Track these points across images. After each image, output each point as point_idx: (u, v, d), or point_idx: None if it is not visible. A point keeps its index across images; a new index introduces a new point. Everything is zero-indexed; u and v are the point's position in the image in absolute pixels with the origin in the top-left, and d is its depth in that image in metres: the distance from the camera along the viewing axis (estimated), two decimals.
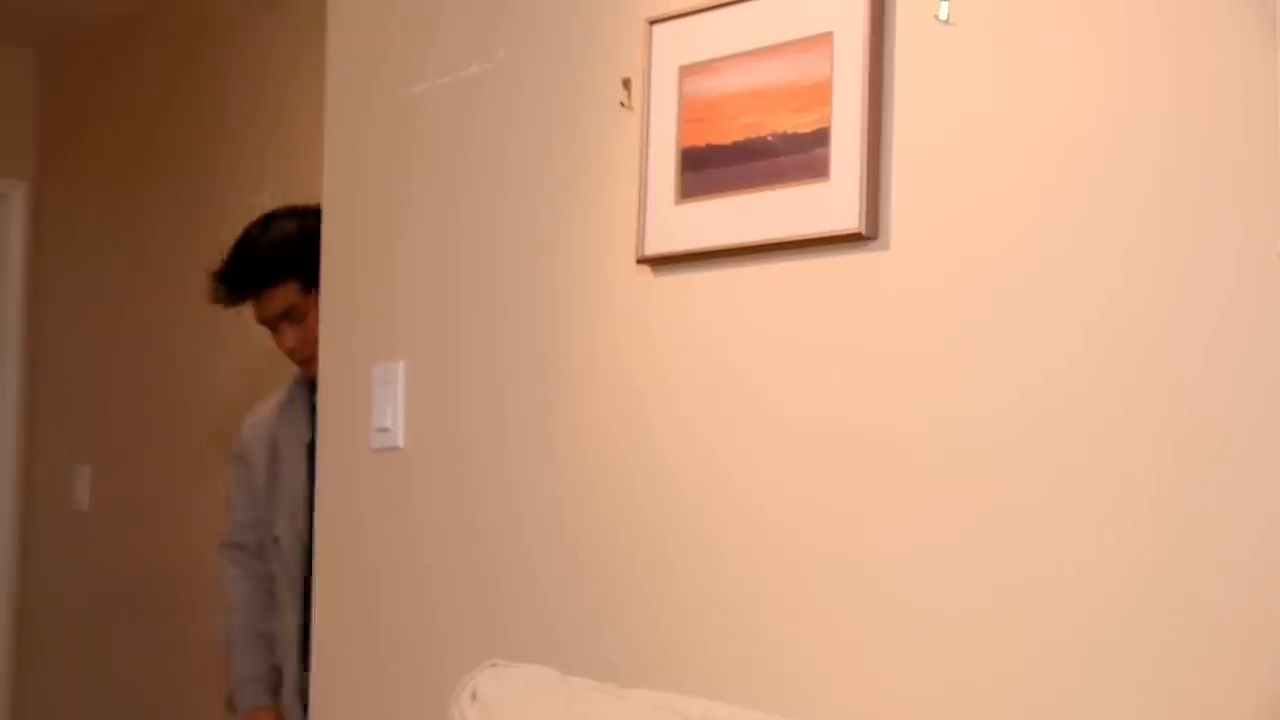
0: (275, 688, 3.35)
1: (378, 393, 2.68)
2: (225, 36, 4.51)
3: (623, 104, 2.28)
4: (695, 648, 2.14)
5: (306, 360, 3.09)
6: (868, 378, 1.97)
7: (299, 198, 3.66)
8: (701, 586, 2.14)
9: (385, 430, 2.66)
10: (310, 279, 2.99)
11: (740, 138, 2.11)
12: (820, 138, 2.01)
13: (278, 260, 3.21)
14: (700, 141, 2.16)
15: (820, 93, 2.02)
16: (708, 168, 2.15)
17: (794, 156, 2.04)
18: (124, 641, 4.73)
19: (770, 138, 2.07)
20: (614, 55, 2.31)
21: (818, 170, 2.01)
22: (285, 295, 3.20)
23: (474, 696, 2.14)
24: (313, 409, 3.05)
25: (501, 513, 2.45)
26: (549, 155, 2.41)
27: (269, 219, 3.33)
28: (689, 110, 2.18)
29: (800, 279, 2.05)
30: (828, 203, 2.00)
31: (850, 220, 1.97)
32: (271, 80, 4.28)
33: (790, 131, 2.05)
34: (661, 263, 2.22)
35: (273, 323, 3.25)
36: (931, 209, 1.92)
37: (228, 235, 3.32)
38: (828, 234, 2.01)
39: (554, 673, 2.14)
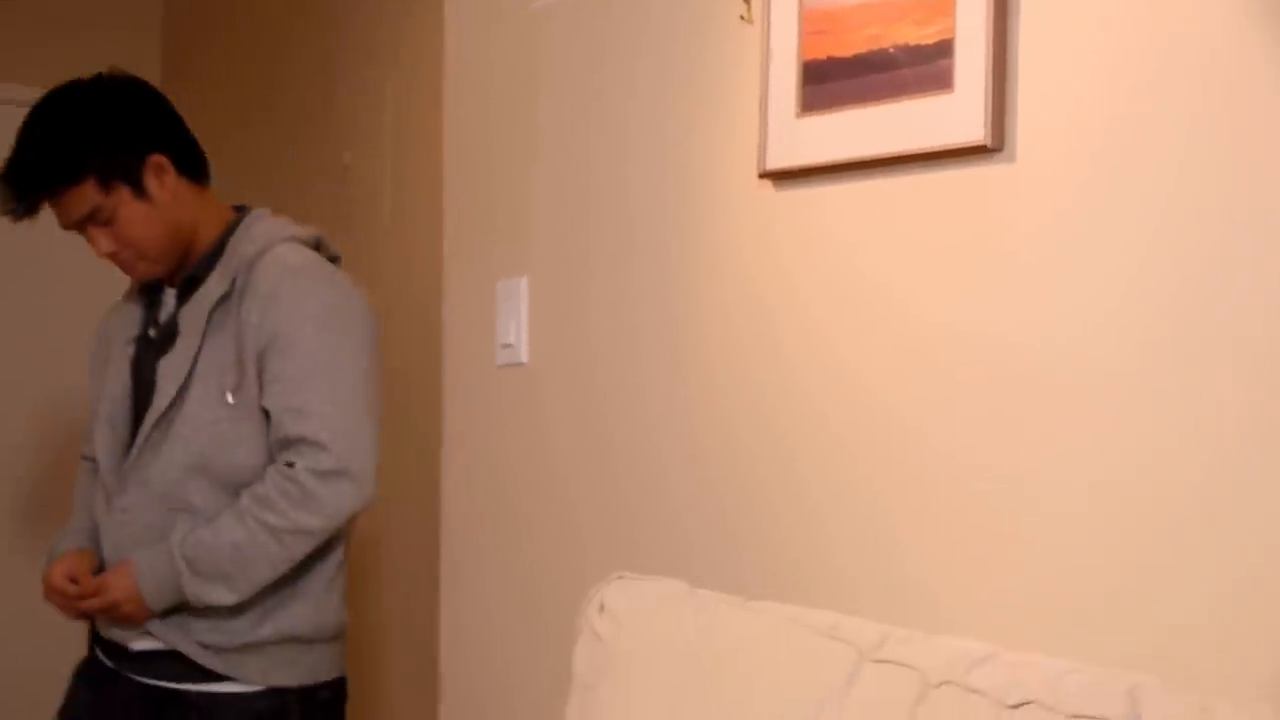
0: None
1: (502, 308, 2.71)
2: None
3: (742, 17, 2.27)
4: (825, 560, 2.15)
5: (130, 263, 2.67)
6: (995, 289, 1.96)
7: (418, 121, 3.69)
8: (832, 498, 2.15)
9: (509, 346, 2.69)
10: (107, 173, 2.59)
11: (862, 50, 2.09)
12: (943, 49, 1.99)
13: (70, 156, 2.58)
14: (821, 54, 2.15)
15: (943, 3, 2.00)
16: (829, 80, 2.13)
17: (917, 69, 2.02)
18: None
19: (892, 49, 2.05)
20: None
21: (941, 82, 1.99)
22: (84, 196, 2.59)
23: (602, 608, 2.17)
24: (149, 302, 2.76)
25: (630, 427, 2.47)
26: (671, 69, 2.41)
27: (52, 101, 2.65)
28: (809, 23, 2.16)
29: (925, 191, 2.04)
30: (952, 115, 1.98)
31: (975, 132, 1.95)
32: (390, 3, 4.30)
33: (913, 44, 2.03)
34: (783, 177, 2.22)
35: (80, 228, 2.65)
36: (1058, 121, 1.90)
37: (350, 158, 3.32)
38: (952, 146, 1.99)
39: (682, 585, 2.16)
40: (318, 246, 2.75)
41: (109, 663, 2.70)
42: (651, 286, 2.44)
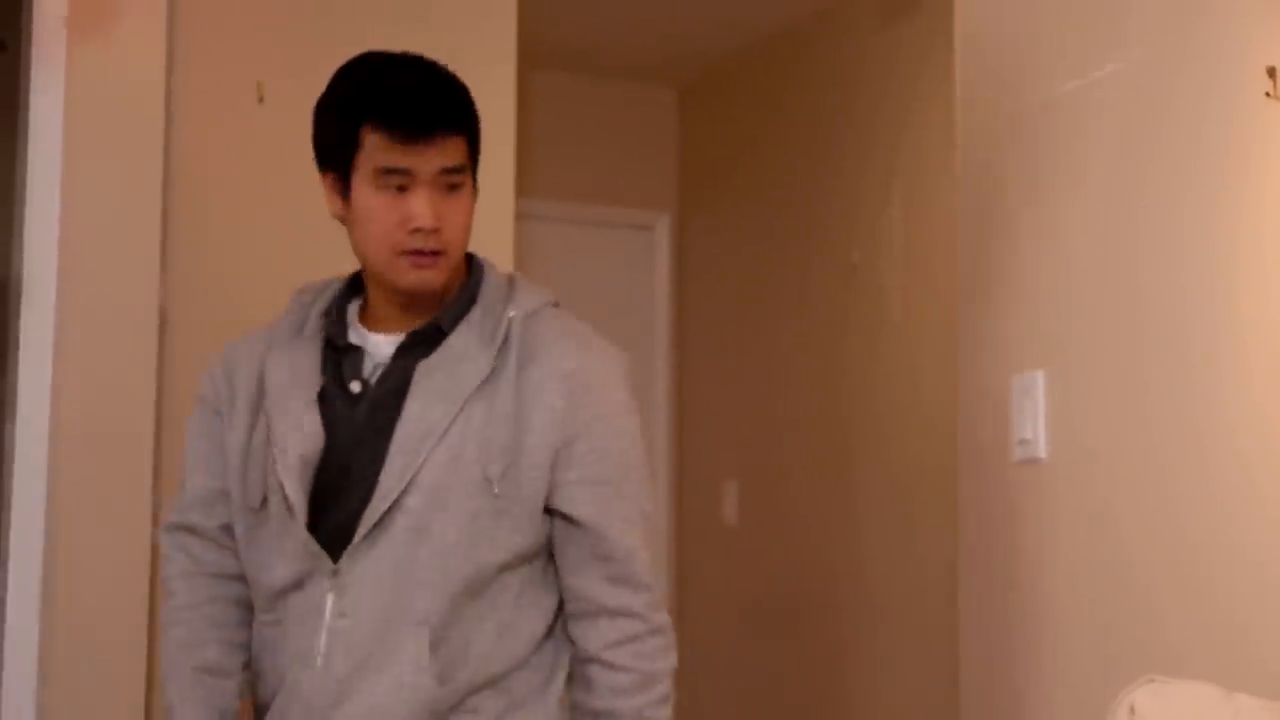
0: None
1: (1017, 403, 2.66)
2: (853, 64, 4.60)
3: (1268, 94, 2.17)
4: None
5: (433, 254, 2.13)
6: None
7: (925, 214, 3.69)
8: None
9: (1026, 441, 2.64)
10: (474, 142, 2.20)
11: None
12: None
13: (464, 101, 2.19)
14: None
15: None
16: None
17: None
18: (774, 656, 4.89)
19: None
20: (1253, 42, 2.20)
21: None
22: (459, 148, 2.16)
23: (1132, 711, 2.09)
24: (335, 350, 2.20)
25: (1154, 520, 2.38)
26: (1192, 153, 2.33)
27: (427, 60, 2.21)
28: None
29: None
30: None
31: None
32: (894, 99, 4.34)
33: None
34: None
35: (425, 182, 2.12)
36: None
37: (859, 257, 3.34)
38: None
39: (1217, 689, 2.06)
40: None
41: None
42: (1173, 376, 2.35)
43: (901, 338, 3.88)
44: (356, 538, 2.08)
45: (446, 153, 2.13)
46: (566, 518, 2.13)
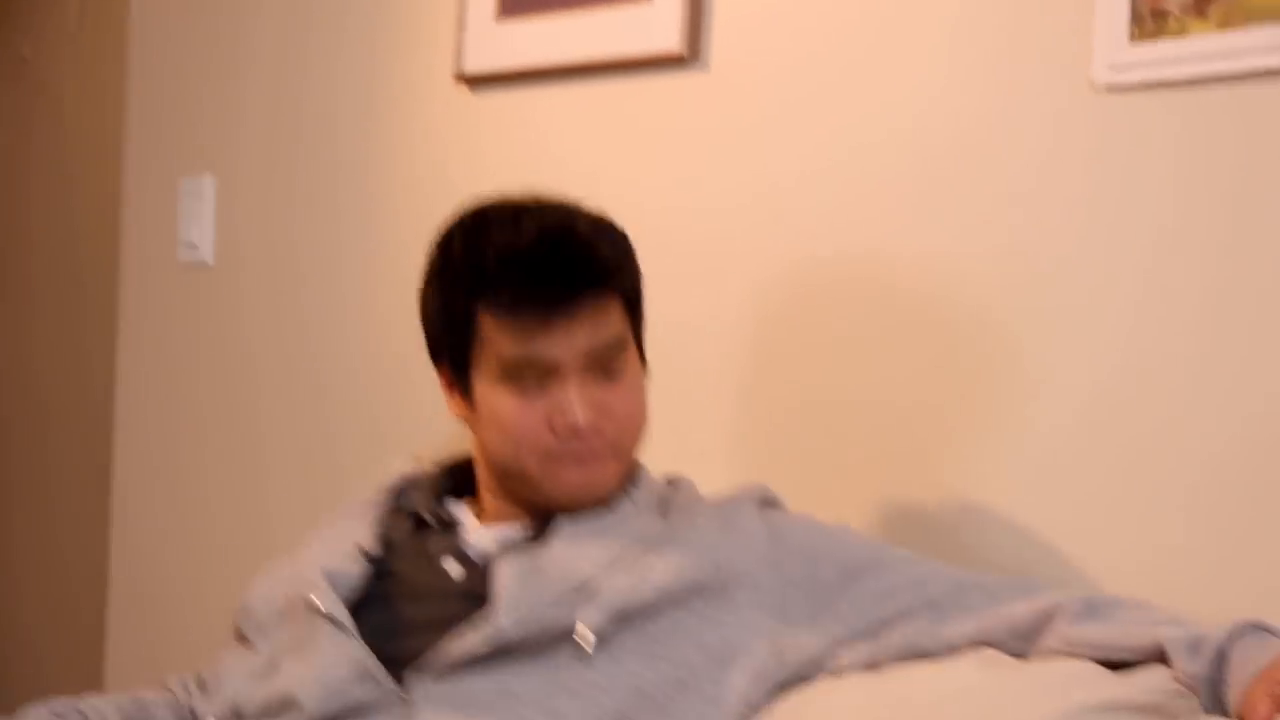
0: None
1: (185, 207, 2.62)
2: None
3: None
4: None
5: (601, 455, 1.60)
6: (689, 197, 1.98)
7: (105, 10, 3.52)
8: None
9: (192, 245, 2.61)
10: (634, 303, 1.65)
11: None
12: None
13: (607, 259, 1.60)
14: None
15: None
16: None
17: None
18: None
19: None
20: None
21: None
22: (614, 315, 1.60)
23: None
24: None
25: (323, 329, 2.43)
26: None
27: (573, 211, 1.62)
28: None
29: (623, 98, 2.04)
30: (649, 23, 1.99)
31: (672, 41, 1.97)
32: None
33: None
34: (480, 81, 2.19)
35: (573, 368, 1.57)
36: (751, 31, 1.92)
37: (29, 50, 3.11)
38: (649, 55, 2.00)
39: None
40: None
41: None
42: (349, 188, 2.40)
43: (70, 135, 3.70)
44: None
45: (598, 327, 1.57)
46: None
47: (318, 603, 1.56)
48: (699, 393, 1.95)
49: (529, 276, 1.54)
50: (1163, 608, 1.43)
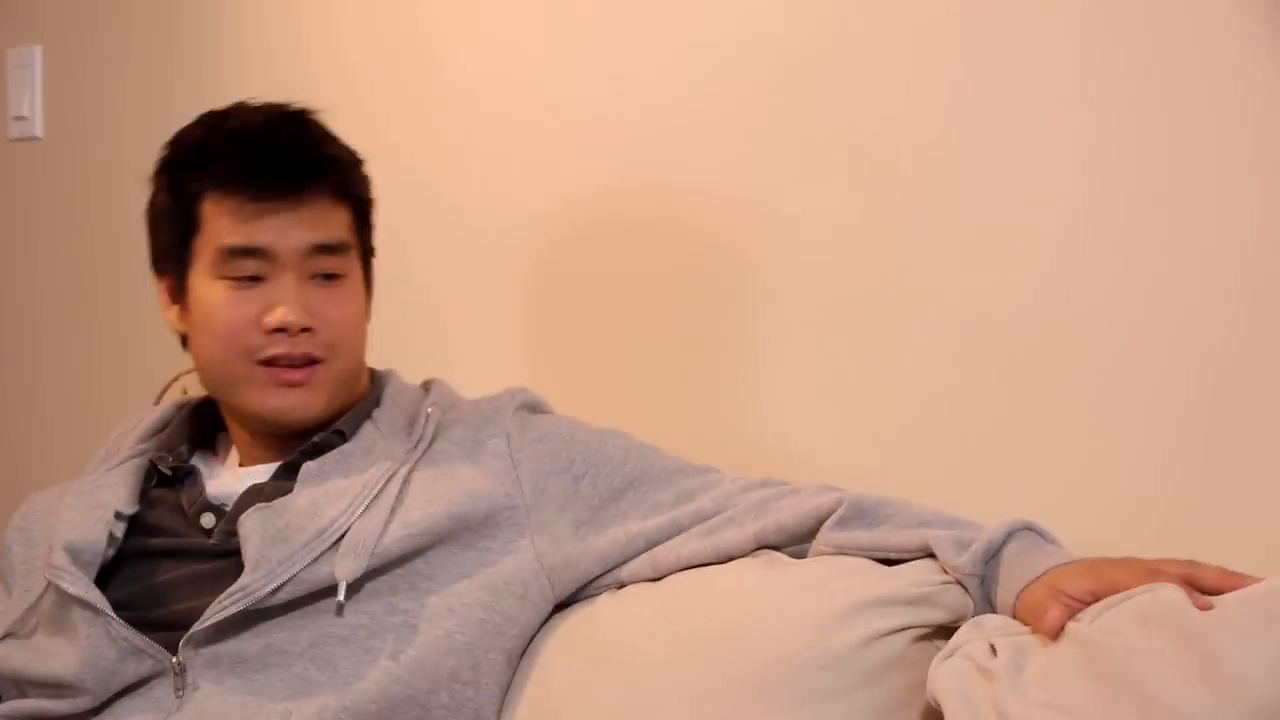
0: None
1: (14, 78, 2.55)
2: None
3: None
4: None
5: (305, 364, 1.54)
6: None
7: None
8: None
9: (22, 118, 2.55)
10: (363, 216, 1.61)
11: None
12: None
13: (346, 158, 1.59)
14: None
15: None
16: None
17: None
18: None
19: None
20: None
21: None
22: (340, 218, 1.56)
23: None
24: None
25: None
26: None
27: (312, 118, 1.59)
28: None
29: None
30: None
31: None
32: None
33: None
34: None
35: (290, 265, 1.53)
36: None
37: None
38: None
39: None
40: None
41: None
42: (183, 53, 2.34)
43: None
44: None
45: (319, 224, 1.53)
46: None
47: (66, 588, 1.51)
48: (480, 320, 1.97)
49: (257, 154, 1.51)
50: (931, 507, 1.41)
